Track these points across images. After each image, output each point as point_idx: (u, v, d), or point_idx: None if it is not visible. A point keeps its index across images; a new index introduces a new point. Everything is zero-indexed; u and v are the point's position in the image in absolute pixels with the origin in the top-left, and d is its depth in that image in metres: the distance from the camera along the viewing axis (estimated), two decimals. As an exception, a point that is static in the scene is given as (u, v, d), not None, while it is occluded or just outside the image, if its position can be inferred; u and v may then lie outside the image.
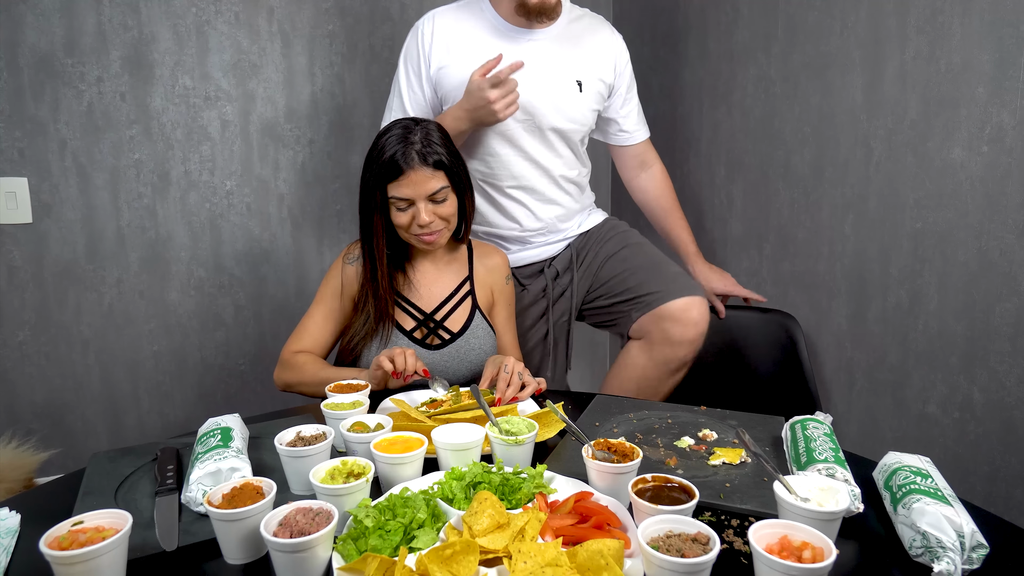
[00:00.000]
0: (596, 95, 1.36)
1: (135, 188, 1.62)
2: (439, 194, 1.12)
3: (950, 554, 0.60)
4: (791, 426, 0.85)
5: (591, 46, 1.35)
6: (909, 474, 0.69)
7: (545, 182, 1.36)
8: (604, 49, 1.37)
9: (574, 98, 1.32)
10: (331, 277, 1.24)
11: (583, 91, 1.32)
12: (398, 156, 1.09)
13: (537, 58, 1.29)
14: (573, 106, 1.32)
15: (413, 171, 1.09)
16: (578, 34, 1.34)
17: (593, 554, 0.57)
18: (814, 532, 0.58)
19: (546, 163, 1.35)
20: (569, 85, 1.31)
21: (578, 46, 1.33)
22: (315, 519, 0.63)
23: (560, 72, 1.31)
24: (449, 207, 1.14)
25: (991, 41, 1.11)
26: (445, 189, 1.12)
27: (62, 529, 0.60)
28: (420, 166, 1.09)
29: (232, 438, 0.81)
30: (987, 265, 1.15)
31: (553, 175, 1.36)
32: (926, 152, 1.23)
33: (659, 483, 0.70)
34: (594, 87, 1.35)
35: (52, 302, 1.56)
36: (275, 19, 1.72)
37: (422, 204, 1.11)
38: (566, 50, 1.32)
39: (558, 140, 1.34)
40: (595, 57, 1.35)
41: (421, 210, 1.11)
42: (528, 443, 0.81)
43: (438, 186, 1.11)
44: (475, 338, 1.21)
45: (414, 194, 1.10)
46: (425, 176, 1.10)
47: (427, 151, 1.10)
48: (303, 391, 1.18)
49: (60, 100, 1.52)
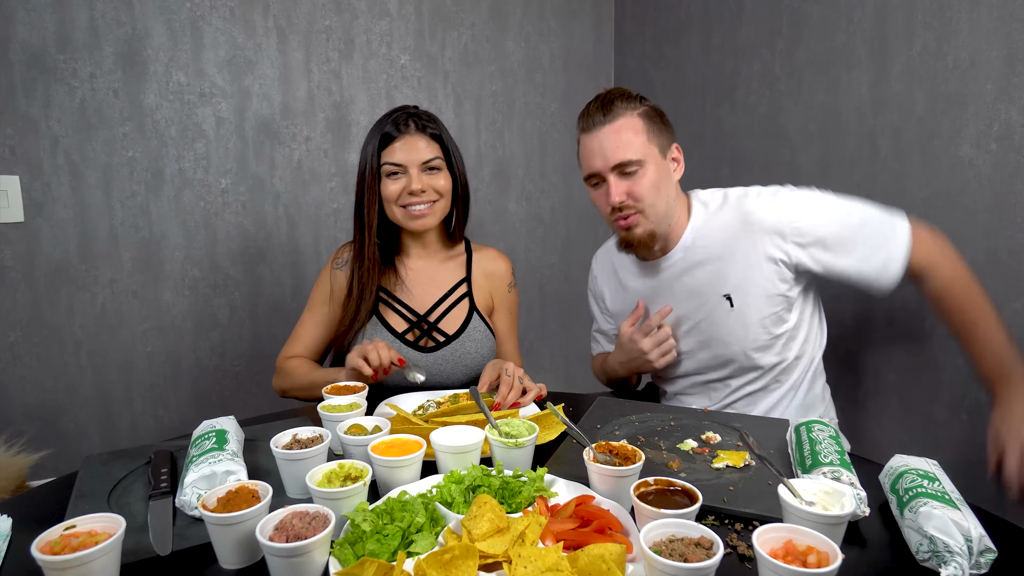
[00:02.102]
0: (762, 297, 1.12)
1: (128, 186, 1.60)
2: (433, 162, 1.12)
3: (958, 559, 0.59)
4: (796, 428, 0.85)
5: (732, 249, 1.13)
6: (916, 477, 0.68)
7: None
8: (754, 241, 1.11)
9: (725, 316, 1.13)
10: (321, 283, 1.24)
11: (734, 306, 1.12)
12: (394, 122, 1.11)
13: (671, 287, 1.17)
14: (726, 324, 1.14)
15: (408, 136, 1.11)
16: (712, 244, 1.14)
17: (594, 559, 0.57)
18: (819, 536, 0.57)
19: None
20: (717, 302, 1.14)
21: (719, 259, 1.13)
22: (312, 523, 0.62)
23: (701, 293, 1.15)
24: (443, 180, 1.15)
25: (1000, 37, 1.10)
26: (439, 160, 1.13)
27: (54, 533, 0.60)
28: (416, 132, 1.11)
29: (227, 441, 0.80)
30: (996, 264, 1.14)
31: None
32: (933, 150, 1.23)
33: (662, 486, 0.69)
34: (754, 290, 1.12)
35: (44, 302, 1.54)
36: (271, 14, 1.70)
37: (415, 171, 1.11)
38: (702, 269, 1.15)
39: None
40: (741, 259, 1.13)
41: (413, 177, 1.11)
42: (528, 446, 0.80)
43: (432, 155, 1.12)
44: (472, 340, 1.19)
45: (407, 159, 1.11)
46: (420, 143, 1.11)
47: (425, 123, 1.12)
48: (298, 395, 1.18)
49: (52, 97, 1.50)
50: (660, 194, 1.11)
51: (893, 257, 1.05)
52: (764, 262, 1.10)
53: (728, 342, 1.14)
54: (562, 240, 2.27)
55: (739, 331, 1.12)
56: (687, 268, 1.16)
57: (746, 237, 1.11)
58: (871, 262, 1.06)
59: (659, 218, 1.12)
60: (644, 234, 1.12)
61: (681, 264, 1.17)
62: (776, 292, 1.10)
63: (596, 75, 2.23)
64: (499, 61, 2.05)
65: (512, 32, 2.06)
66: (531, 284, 2.23)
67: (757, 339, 1.12)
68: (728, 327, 1.13)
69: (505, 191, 2.13)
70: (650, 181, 1.09)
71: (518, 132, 2.12)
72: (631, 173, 1.09)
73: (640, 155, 1.09)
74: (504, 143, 2.10)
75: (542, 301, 2.26)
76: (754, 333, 1.12)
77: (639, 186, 1.09)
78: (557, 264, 2.27)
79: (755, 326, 1.12)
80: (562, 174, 2.23)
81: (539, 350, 2.28)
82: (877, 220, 1.07)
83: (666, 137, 1.13)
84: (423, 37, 1.91)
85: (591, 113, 1.12)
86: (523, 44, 2.08)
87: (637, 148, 1.08)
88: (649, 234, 1.13)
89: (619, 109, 1.10)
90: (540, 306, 2.26)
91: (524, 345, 2.24)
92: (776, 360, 1.14)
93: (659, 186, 1.11)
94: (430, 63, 1.93)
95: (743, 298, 1.11)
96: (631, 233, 1.13)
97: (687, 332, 1.18)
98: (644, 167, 1.09)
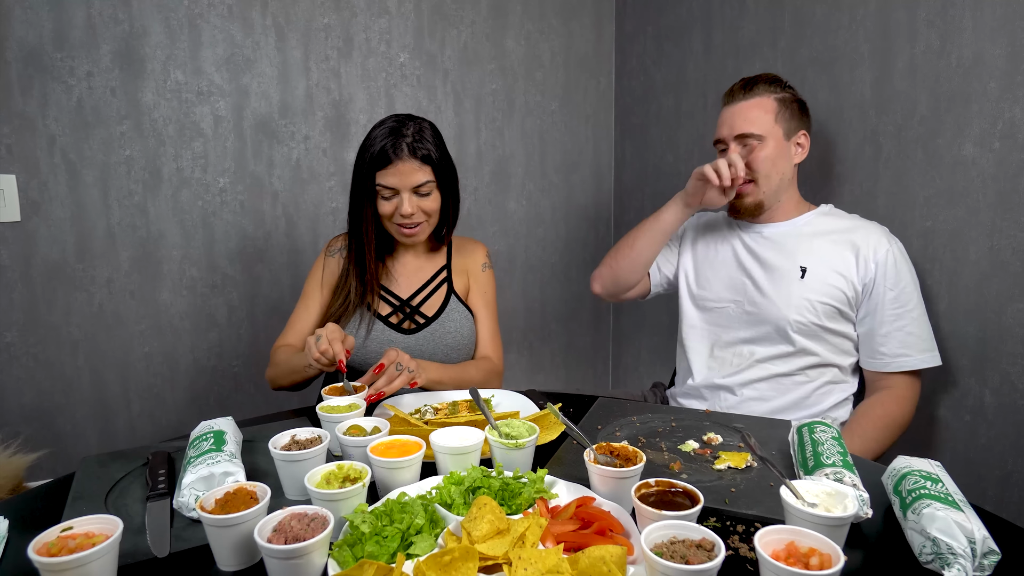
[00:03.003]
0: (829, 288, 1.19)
1: (126, 185, 1.59)
2: (424, 187, 1.17)
3: (961, 561, 0.59)
4: (798, 429, 0.84)
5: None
6: (919, 479, 0.68)
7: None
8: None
9: (792, 282, 1.21)
10: (314, 271, 1.30)
11: (804, 277, 1.20)
12: (388, 146, 1.14)
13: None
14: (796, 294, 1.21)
15: (401, 162, 1.14)
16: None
17: (595, 561, 0.57)
18: (821, 538, 0.57)
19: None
20: (791, 268, 1.21)
21: (814, 237, 1.22)
22: (310, 525, 0.62)
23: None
24: (432, 202, 1.19)
25: (1003, 35, 1.10)
26: (430, 184, 1.18)
27: (51, 535, 0.60)
28: (408, 158, 1.15)
29: (225, 442, 0.80)
30: (999, 264, 1.14)
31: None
32: (936, 149, 1.22)
33: (663, 488, 0.69)
34: (828, 275, 1.19)
35: (41, 302, 1.53)
36: (269, 12, 1.69)
37: (406, 195, 1.16)
38: (795, 243, 1.23)
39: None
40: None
41: (405, 200, 1.16)
42: (528, 447, 0.80)
43: (423, 179, 1.16)
44: (450, 321, 1.26)
45: (400, 184, 1.16)
46: (412, 168, 1.15)
47: (417, 145, 1.15)
48: (283, 383, 1.20)
49: (49, 95, 1.49)
50: (774, 168, 1.21)
51: (910, 359, 1.15)
52: (852, 261, 1.18)
53: (779, 305, 1.20)
54: (562, 240, 2.26)
55: (795, 300, 1.19)
56: (783, 236, 1.24)
57: (851, 238, 1.19)
58: (893, 343, 1.16)
59: (770, 191, 1.23)
60: (753, 203, 1.24)
61: (780, 233, 1.25)
62: (842, 289, 1.18)
63: (597, 73, 2.22)
64: (499, 59, 2.04)
65: (512, 30, 2.05)
66: (531, 284, 2.23)
67: (803, 316, 1.18)
68: (787, 292, 1.20)
69: (505, 190, 2.12)
70: (767, 154, 1.20)
71: (518, 131, 2.11)
72: (750, 145, 1.20)
73: (762, 131, 1.20)
74: (504, 142, 2.10)
75: (542, 301, 2.26)
76: (805, 308, 1.18)
77: (755, 157, 1.20)
78: (557, 264, 2.27)
79: (810, 304, 1.18)
80: (563, 173, 2.22)
81: (539, 350, 2.27)
82: (928, 332, 1.17)
83: (796, 123, 1.23)
84: (423, 35, 1.91)
85: (735, 90, 1.25)
86: (523, 42, 2.08)
87: (762, 124, 1.20)
88: (757, 204, 1.24)
89: (759, 90, 1.22)
90: (540, 306, 2.26)
91: (524, 345, 2.23)
92: (807, 347, 1.19)
93: (775, 161, 1.21)
94: (430, 61, 1.93)
95: (814, 274, 1.19)
96: (742, 201, 1.24)
97: (753, 290, 1.24)
98: (764, 142, 1.20)
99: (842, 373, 1.22)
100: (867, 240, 1.18)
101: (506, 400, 1.07)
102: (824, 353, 1.19)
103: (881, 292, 1.16)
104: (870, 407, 1.16)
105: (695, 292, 1.35)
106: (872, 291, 1.17)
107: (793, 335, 1.19)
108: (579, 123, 2.22)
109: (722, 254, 1.31)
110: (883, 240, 1.18)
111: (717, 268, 1.31)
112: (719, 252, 1.32)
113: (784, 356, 1.21)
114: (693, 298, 1.35)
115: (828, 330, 1.19)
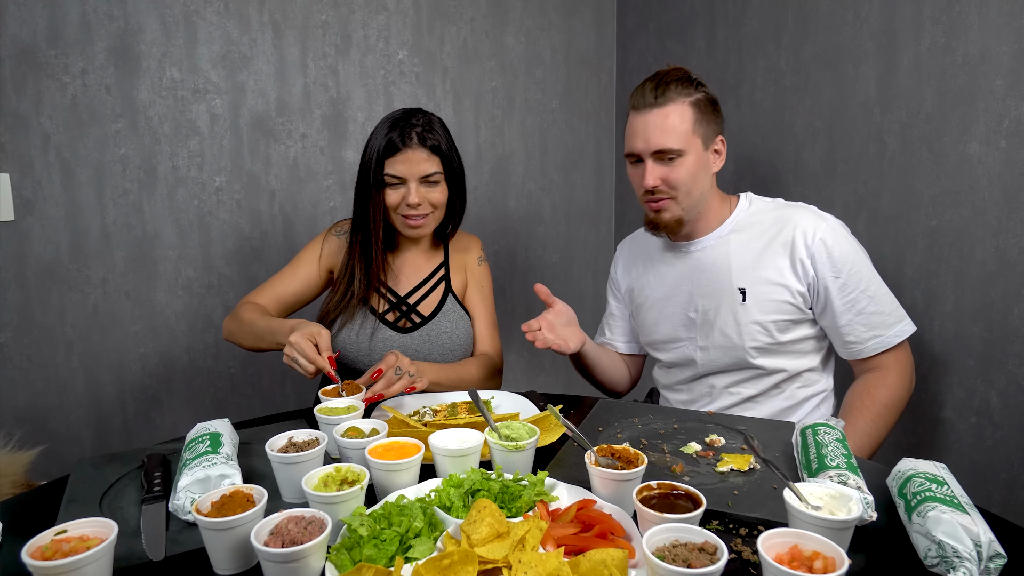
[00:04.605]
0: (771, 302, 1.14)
1: (121, 184, 1.58)
2: (432, 177, 1.17)
3: (967, 564, 0.59)
4: (802, 431, 0.84)
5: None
6: (924, 481, 0.67)
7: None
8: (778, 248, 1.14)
9: (735, 308, 1.16)
10: (313, 245, 1.30)
11: (746, 300, 1.15)
12: (397, 135, 1.15)
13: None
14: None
15: (410, 150, 1.15)
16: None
17: (596, 564, 0.57)
18: (825, 541, 0.57)
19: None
20: (731, 293, 1.16)
21: (746, 251, 1.16)
22: (307, 528, 0.62)
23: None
24: (439, 194, 1.19)
25: (1010, 31, 1.09)
26: (438, 175, 1.18)
27: (45, 538, 0.60)
28: (417, 146, 1.15)
29: (221, 444, 0.80)
30: (1005, 264, 1.13)
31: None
32: (942, 147, 1.22)
33: (665, 490, 0.69)
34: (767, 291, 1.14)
35: (35, 303, 1.52)
36: (266, 9, 1.68)
37: (413, 184, 1.16)
38: (727, 259, 1.18)
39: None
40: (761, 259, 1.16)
41: (412, 190, 1.16)
42: (529, 449, 0.79)
43: (431, 170, 1.16)
44: (447, 321, 1.26)
45: (407, 173, 1.15)
46: (420, 157, 1.15)
47: (426, 135, 1.16)
48: (242, 343, 1.18)
49: (43, 93, 1.48)
50: (695, 184, 1.13)
51: (882, 339, 1.10)
52: (786, 267, 1.12)
53: (729, 335, 1.16)
54: (563, 239, 2.26)
55: (744, 327, 1.14)
56: (713, 256, 1.18)
57: (779, 238, 1.13)
58: (858, 329, 1.10)
59: (690, 206, 1.15)
60: (671, 219, 1.16)
61: (709, 251, 1.19)
62: (786, 300, 1.12)
63: (598, 71, 2.21)
64: (499, 56, 2.03)
65: (512, 27, 2.04)
66: (531, 284, 2.21)
67: (757, 340, 1.14)
68: (734, 320, 1.15)
69: (505, 189, 2.11)
70: (687, 171, 1.12)
71: (518, 129, 2.10)
72: (670, 159, 1.11)
73: (681, 145, 1.10)
74: (504, 140, 2.09)
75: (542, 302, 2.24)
76: (757, 332, 1.14)
77: (675, 174, 1.12)
78: (558, 264, 2.26)
79: (761, 326, 1.13)
80: (563, 172, 2.21)
81: (539, 351, 2.27)
82: (891, 302, 1.11)
83: (713, 128, 1.15)
84: (421, 32, 1.89)
85: (644, 92, 1.13)
86: (523, 39, 2.06)
87: (680, 137, 1.10)
88: (677, 220, 1.16)
89: (672, 94, 1.11)
90: (541, 306, 2.24)
91: (524, 346, 2.23)
92: (770, 365, 1.15)
93: (696, 176, 1.13)
94: (429, 58, 1.91)
95: (755, 294, 1.13)
96: (659, 216, 1.16)
97: (701, 323, 1.20)
98: (683, 156, 1.11)
99: (814, 374, 1.18)
100: (794, 234, 1.11)
101: (506, 402, 1.07)
102: (790, 364, 1.15)
103: (826, 285, 1.09)
104: (857, 395, 1.11)
105: (648, 340, 1.31)
106: (817, 288, 1.11)
107: (753, 360, 1.15)
108: (580, 121, 2.21)
109: (662, 290, 1.26)
110: (810, 227, 1.10)
111: (662, 308, 1.25)
112: (660, 288, 1.26)
113: (749, 380, 1.18)
114: (649, 345, 1.32)
115: (787, 343, 1.14)
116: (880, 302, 1.10)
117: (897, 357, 1.11)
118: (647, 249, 1.31)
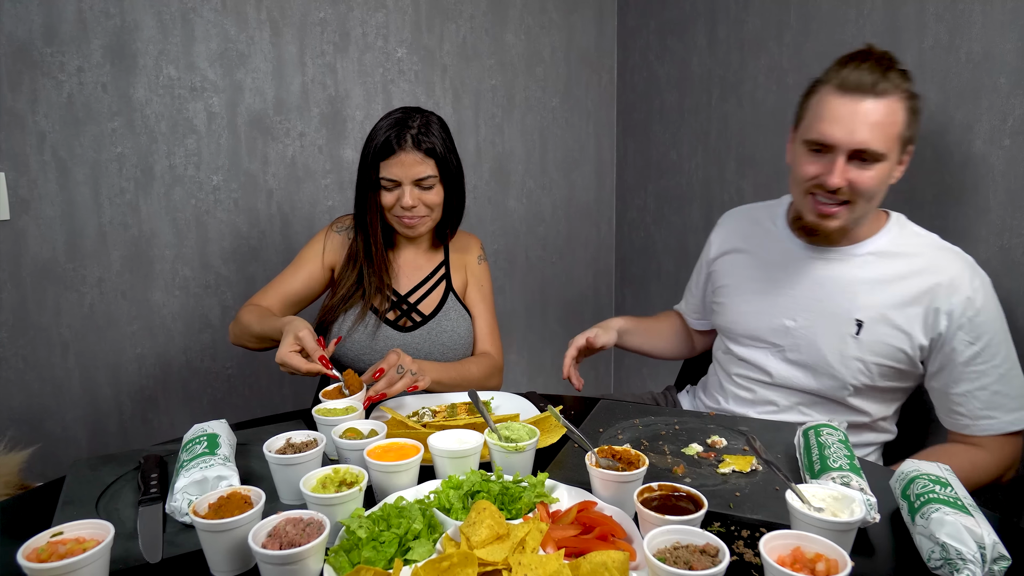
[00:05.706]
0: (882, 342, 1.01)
1: (117, 183, 1.57)
2: (426, 181, 1.17)
3: (970, 566, 0.59)
4: (804, 432, 0.84)
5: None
6: (928, 483, 0.67)
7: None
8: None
9: (844, 338, 1.02)
10: (314, 242, 1.29)
11: (859, 335, 1.01)
12: (392, 137, 1.14)
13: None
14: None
15: (404, 153, 1.14)
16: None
17: (597, 566, 0.57)
18: (828, 543, 0.57)
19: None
20: (846, 321, 1.02)
21: (880, 282, 1.02)
22: (306, 530, 0.62)
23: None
24: (434, 196, 1.19)
25: (1014, 29, 1.09)
26: (432, 178, 1.17)
27: (41, 540, 0.60)
28: (411, 149, 1.15)
29: (219, 445, 0.80)
30: (1009, 264, 1.13)
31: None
32: (946, 145, 1.21)
33: (666, 492, 0.69)
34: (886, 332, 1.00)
35: (30, 303, 1.51)
36: (263, 6, 1.67)
37: (408, 187, 1.16)
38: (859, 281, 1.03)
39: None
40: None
41: (406, 193, 1.16)
42: (529, 450, 0.79)
43: (425, 173, 1.16)
44: (447, 320, 1.26)
45: (401, 176, 1.15)
46: (414, 160, 1.15)
47: (422, 137, 1.15)
48: (249, 346, 1.21)
49: (39, 91, 1.47)
50: (878, 194, 0.99)
51: (994, 422, 0.97)
52: (917, 316, 0.98)
53: (831, 363, 1.02)
54: (563, 239, 2.25)
55: (849, 361, 1.01)
56: (841, 272, 1.03)
57: (921, 281, 0.98)
58: (973, 404, 0.97)
59: (861, 216, 1.00)
60: (838, 227, 1.00)
61: (837, 265, 1.04)
62: (902, 348, 0.99)
63: (598, 69, 2.21)
64: (499, 54, 2.02)
65: (512, 24, 2.03)
66: (531, 284, 2.21)
67: (857, 380, 1.01)
68: (839, 349, 1.01)
69: (505, 188, 2.11)
70: (879, 178, 0.96)
71: (518, 127, 2.10)
72: (863, 160, 0.94)
73: (886, 148, 0.94)
74: (504, 139, 2.08)
75: (543, 302, 2.24)
76: (859, 371, 1.01)
77: (866, 179, 0.95)
78: (559, 263, 2.25)
79: (865, 366, 1.01)
80: (563, 171, 2.21)
81: (540, 351, 2.26)
82: (1020, 386, 0.98)
83: (913, 132, 0.99)
84: (420, 30, 1.89)
85: (861, 71, 0.94)
86: (523, 37, 2.06)
87: (888, 139, 0.94)
88: (842, 229, 1.01)
89: (893, 83, 0.94)
90: (541, 307, 2.24)
91: (525, 346, 2.22)
92: (859, 406, 1.04)
93: (883, 185, 0.98)
94: (428, 56, 1.91)
95: (871, 331, 1.00)
96: (825, 222, 1.00)
97: (797, 336, 1.05)
98: (881, 161, 0.95)
99: (886, 422, 1.08)
100: (939, 281, 0.96)
101: (506, 402, 1.07)
102: (873, 409, 1.03)
103: (954, 347, 0.96)
104: (944, 455, 0.97)
105: (724, 325, 1.16)
106: (942, 345, 0.97)
107: (847, 398, 1.02)
108: (580, 119, 2.20)
109: (762, 282, 1.10)
110: (963, 282, 0.96)
111: (752, 300, 1.11)
112: (761, 279, 1.11)
113: (827, 413, 1.05)
114: (723, 331, 1.17)
115: (884, 389, 1.02)
116: (1010, 383, 0.96)
117: (1002, 444, 0.97)
118: (765, 225, 1.14)
